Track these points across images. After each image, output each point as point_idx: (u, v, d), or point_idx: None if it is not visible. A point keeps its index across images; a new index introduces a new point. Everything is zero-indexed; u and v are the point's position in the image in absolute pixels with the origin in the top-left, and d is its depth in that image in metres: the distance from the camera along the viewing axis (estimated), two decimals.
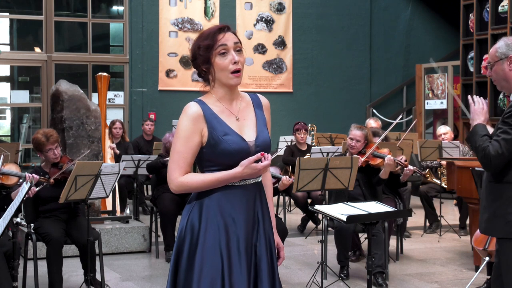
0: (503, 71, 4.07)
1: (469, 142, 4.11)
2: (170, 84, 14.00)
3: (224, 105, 3.27)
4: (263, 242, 3.27)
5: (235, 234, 3.21)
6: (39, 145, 6.27)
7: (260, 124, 3.31)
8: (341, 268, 6.92)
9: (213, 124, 3.19)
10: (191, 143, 3.19)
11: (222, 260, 3.17)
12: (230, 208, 3.21)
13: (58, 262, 6.13)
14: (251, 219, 3.26)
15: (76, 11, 14.73)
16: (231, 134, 3.20)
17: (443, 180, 9.25)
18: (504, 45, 4.08)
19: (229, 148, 3.17)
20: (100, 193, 6.35)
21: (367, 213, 4.76)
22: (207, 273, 3.15)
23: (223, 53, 3.19)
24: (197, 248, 3.18)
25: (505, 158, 3.91)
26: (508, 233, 3.98)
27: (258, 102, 3.39)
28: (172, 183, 3.26)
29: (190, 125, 3.19)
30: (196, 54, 3.23)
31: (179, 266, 3.22)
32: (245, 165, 3.13)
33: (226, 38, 3.21)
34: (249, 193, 3.25)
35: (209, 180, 3.18)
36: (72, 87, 8.20)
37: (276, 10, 14.67)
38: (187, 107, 3.24)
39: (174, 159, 3.23)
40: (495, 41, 4.43)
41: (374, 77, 15.50)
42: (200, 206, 3.23)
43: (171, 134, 8.23)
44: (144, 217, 9.57)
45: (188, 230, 3.22)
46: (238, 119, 3.27)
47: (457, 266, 7.54)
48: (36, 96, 14.22)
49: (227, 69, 3.19)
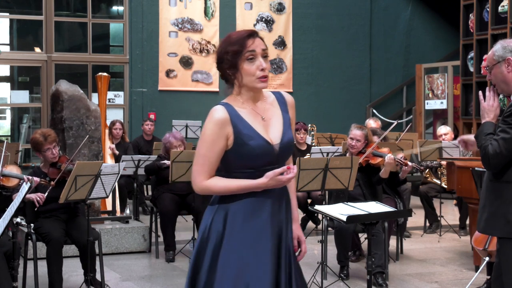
0: (501, 74, 4.08)
1: (477, 139, 4.12)
2: (170, 84, 13.99)
3: (249, 106, 3.29)
4: (284, 247, 3.30)
5: (260, 238, 3.23)
6: (37, 145, 6.27)
7: (285, 124, 3.34)
8: (341, 268, 6.92)
9: (239, 128, 3.21)
10: (217, 147, 3.22)
11: (245, 263, 3.20)
12: (255, 213, 3.25)
13: (58, 262, 6.14)
14: (275, 225, 3.28)
15: (76, 11, 14.74)
16: (256, 138, 3.22)
17: (443, 180, 9.25)
18: (500, 47, 4.10)
19: (254, 152, 3.20)
20: (100, 193, 6.35)
21: (367, 213, 4.76)
22: (229, 275, 3.18)
23: (251, 58, 3.20)
24: (220, 250, 3.21)
25: (503, 157, 3.91)
26: (509, 232, 3.98)
27: (283, 101, 3.41)
28: (196, 186, 3.30)
29: (216, 129, 3.21)
30: (224, 58, 3.23)
31: (200, 266, 3.24)
32: (270, 177, 3.16)
33: (256, 45, 3.22)
34: (275, 199, 3.28)
35: (233, 186, 3.22)
36: (72, 87, 8.20)
37: (276, 10, 14.66)
38: (213, 111, 3.25)
39: (200, 163, 3.26)
40: (495, 41, 4.44)
41: (374, 77, 15.50)
42: (225, 209, 3.26)
43: (171, 135, 8.24)
44: (144, 217, 9.56)
45: (212, 232, 3.24)
46: (264, 119, 3.30)
47: (457, 266, 7.54)
48: (36, 96, 14.22)
49: (254, 75, 3.21)
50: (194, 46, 14.08)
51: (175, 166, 7.40)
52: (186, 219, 9.54)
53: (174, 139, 8.08)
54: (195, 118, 12.88)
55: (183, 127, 12.14)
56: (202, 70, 14.15)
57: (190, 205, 7.79)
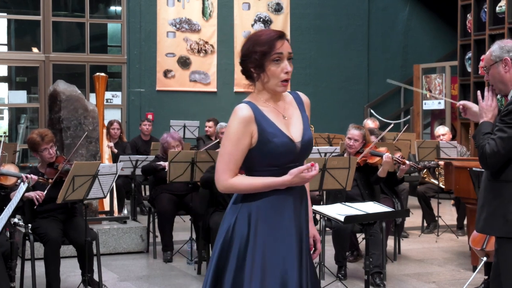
0: (499, 74, 4.10)
1: (474, 138, 4.13)
2: (168, 85, 13.99)
3: (271, 104, 3.32)
4: (304, 245, 3.35)
5: (284, 236, 3.27)
6: (34, 145, 6.27)
7: (305, 123, 3.37)
8: (339, 268, 6.92)
9: (263, 126, 3.24)
10: (242, 146, 3.22)
11: (272, 263, 3.23)
12: (278, 211, 3.27)
13: (55, 263, 6.13)
14: (297, 223, 3.32)
15: (74, 11, 14.73)
16: (280, 135, 3.25)
17: (441, 180, 9.25)
18: (498, 48, 4.11)
19: (278, 149, 3.23)
20: (98, 194, 6.35)
21: (364, 214, 4.76)
22: (256, 275, 3.20)
23: (277, 60, 3.22)
24: (247, 250, 3.23)
25: (501, 156, 3.91)
26: (508, 232, 3.98)
27: (300, 100, 3.45)
28: (220, 184, 3.29)
29: (241, 127, 3.21)
30: (251, 57, 3.24)
31: (225, 267, 3.25)
32: (295, 174, 3.18)
33: (284, 47, 3.24)
34: (296, 197, 3.32)
35: (257, 184, 3.23)
36: (69, 88, 8.19)
37: (274, 11, 14.66)
38: (238, 109, 3.25)
39: (225, 161, 3.26)
40: (492, 41, 4.46)
41: (372, 77, 15.50)
42: (249, 208, 3.27)
43: (168, 135, 8.23)
44: (141, 218, 9.56)
45: (236, 232, 3.26)
46: (285, 117, 3.33)
47: (455, 266, 7.54)
48: (34, 97, 14.20)
49: (278, 77, 3.24)
50: (192, 46, 14.08)
51: (173, 166, 7.40)
52: (184, 219, 9.54)
53: (171, 139, 8.08)
54: (193, 118, 12.89)
55: (181, 127, 12.14)
56: (200, 70, 14.15)
57: (188, 205, 7.78)
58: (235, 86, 14.31)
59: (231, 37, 14.37)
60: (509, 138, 3.90)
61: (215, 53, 14.24)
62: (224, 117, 12.15)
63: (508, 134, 3.90)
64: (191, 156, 7.47)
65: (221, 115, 12.74)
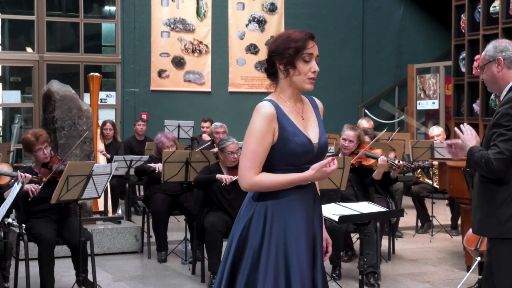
0: (492, 73, 4.14)
1: (469, 165, 4.11)
2: (162, 84, 13.97)
3: (291, 105, 3.37)
4: (318, 242, 3.40)
5: (298, 236, 3.29)
6: (28, 145, 6.26)
7: (321, 127, 3.45)
8: (333, 268, 6.92)
9: (284, 124, 3.28)
10: (266, 143, 3.26)
11: (286, 262, 3.26)
12: (292, 211, 3.30)
13: (49, 263, 6.12)
14: (310, 224, 3.36)
15: (68, 11, 14.70)
16: (299, 135, 3.30)
17: (435, 180, 9.26)
18: (492, 47, 4.15)
19: (298, 149, 3.27)
20: (92, 194, 6.34)
21: (359, 213, 4.77)
22: (270, 274, 3.22)
23: (307, 60, 3.30)
24: (262, 249, 3.25)
25: (506, 159, 3.89)
26: (501, 233, 4.00)
27: (315, 104, 3.53)
28: (245, 182, 3.29)
29: (265, 124, 3.25)
30: (284, 53, 3.29)
31: (240, 265, 3.28)
32: (317, 169, 3.23)
33: (314, 48, 3.34)
34: (308, 196, 3.37)
35: (282, 180, 3.26)
36: (64, 87, 8.18)
37: (268, 11, 14.66)
38: (261, 106, 3.29)
39: (250, 158, 3.27)
40: (486, 41, 4.51)
41: (367, 77, 15.51)
42: (265, 207, 3.30)
43: (163, 135, 8.23)
44: (136, 218, 9.55)
45: (251, 231, 3.29)
46: (303, 119, 3.39)
47: (449, 266, 7.56)
48: (28, 96, 14.17)
49: (306, 75, 3.32)
50: (186, 46, 14.07)
51: (167, 166, 7.40)
52: (178, 219, 9.53)
53: (166, 139, 8.07)
54: (187, 118, 12.87)
55: (175, 127, 12.13)
56: (194, 70, 14.14)
57: (182, 206, 7.77)
58: (229, 86, 14.31)
59: (226, 37, 14.36)
60: (510, 140, 3.89)
61: (209, 53, 14.24)
62: (218, 117, 12.18)
63: (509, 135, 3.90)
64: (185, 156, 7.47)
65: (216, 115, 12.74)
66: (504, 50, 4.11)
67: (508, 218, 3.96)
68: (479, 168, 4.01)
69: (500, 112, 3.96)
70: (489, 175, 3.99)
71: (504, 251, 4.03)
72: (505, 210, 3.97)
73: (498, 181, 3.99)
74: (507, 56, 4.09)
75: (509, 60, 4.09)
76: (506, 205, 3.97)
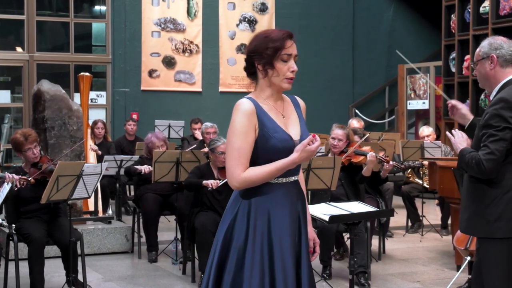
0: (484, 70, 4.14)
1: (460, 166, 4.12)
2: (152, 84, 13.96)
3: (271, 103, 3.37)
4: (304, 239, 3.39)
5: (281, 234, 3.28)
6: (17, 145, 6.24)
7: (302, 125, 3.45)
8: (324, 268, 6.93)
9: (263, 121, 3.28)
10: (249, 139, 3.25)
11: (271, 261, 3.25)
12: (276, 207, 3.30)
13: (39, 263, 6.10)
14: (294, 217, 3.35)
15: (58, 10, 14.65)
16: (280, 132, 3.30)
17: (425, 180, 9.29)
18: (487, 44, 4.15)
19: (279, 145, 3.27)
20: (82, 194, 6.32)
21: (349, 213, 4.77)
22: (256, 272, 3.22)
23: (285, 60, 3.30)
24: (246, 248, 3.25)
25: (497, 158, 3.90)
26: (488, 232, 4.01)
27: (296, 103, 3.53)
28: (235, 180, 3.27)
29: (246, 121, 3.25)
30: (263, 53, 3.29)
31: (226, 264, 3.28)
32: (301, 149, 3.24)
33: (292, 48, 3.32)
34: (292, 192, 3.36)
35: (269, 169, 3.25)
36: (54, 87, 8.16)
37: (259, 11, 14.67)
38: (240, 104, 3.29)
39: (235, 156, 3.25)
40: (476, 41, 4.54)
41: (357, 77, 15.54)
42: (248, 205, 3.30)
43: (153, 135, 8.21)
44: (126, 218, 9.53)
45: (235, 231, 3.28)
46: (284, 116, 3.38)
47: (439, 265, 7.58)
48: (18, 96, 14.13)
49: (284, 75, 3.32)
50: (177, 46, 14.07)
51: (157, 166, 7.39)
52: (169, 219, 9.52)
53: (156, 139, 8.06)
54: (178, 118, 12.86)
55: (166, 127, 12.12)
56: (185, 70, 14.14)
57: (173, 205, 7.77)
58: (220, 86, 14.31)
59: (216, 37, 14.36)
60: (501, 140, 3.90)
61: (200, 53, 14.24)
62: (209, 117, 12.16)
63: (499, 136, 3.90)
64: (176, 156, 7.47)
65: (206, 115, 12.74)
66: (499, 48, 4.10)
67: (497, 218, 3.97)
68: (470, 170, 4.01)
69: (489, 113, 3.97)
70: (480, 176, 3.99)
71: (493, 250, 4.05)
72: (494, 210, 3.98)
73: (487, 180, 3.99)
74: (501, 54, 4.08)
75: (502, 58, 4.08)
76: (495, 205, 3.98)
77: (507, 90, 4.02)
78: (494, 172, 3.93)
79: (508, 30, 11.03)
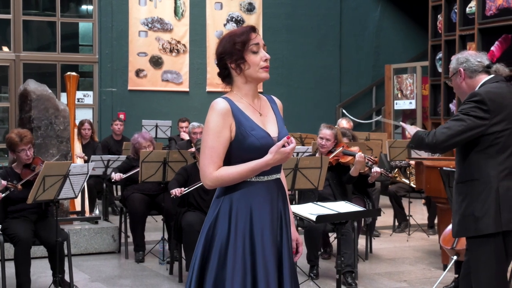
0: (457, 84, 4.42)
1: (415, 145, 4.37)
2: (139, 84, 13.94)
3: (247, 101, 3.37)
4: (285, 237, 3.38)
5: (262, 231, 3.29)
6: (12, 145, 6.22)
7: (280, 121, 3.44)
8: (311, 267, 6.94)
9: (240, 120, 3.28)
10: (222, 138, 3.25)
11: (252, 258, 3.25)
12: (257, 204, 3.30)
13: (26, 263, 6.08)
14: (275, 215, 3.35)
15: (44, 10, 14.60)
16: (257, 129, 3.29)
17: (412, 179, 9.32)
18: (455, 61, 4.46)
19: (257, 143, 3.27)
20: (69, 194, 6.31)
21: (336, 213, 4.78)
22: (238, 270, 3.22)
23: (255, 51, 3.32)
24: (228, 246, 3.25)
25: (451, 134, 4.12)
26: (478, 230, 4.09)
27: (273, 101, 3.53)
28: (207, 179, 3.28)
29: (220, 120, 3.25)
30: (232, 50, 3.31)
31: (208, 263, 3.27)
32: (275, 151, 3.22)
33: (258, 38, 3.35)
34: (273, 190, 3.36)
35: (242, 170, 3.25)
36: (40, 87, 8.13)
37: (246, 10, 14.67)
38: (215, 103, 3.30)
39: (208, 155, 3.26)
40: (463, 42, 4.72)
41: (344, 77, 15.57)
42: (230, 202, 3.30)
43: (139, 135, 8.19)
44: (113, 218, 9.51)
45: (217, 228, 3.28)
46: (261, 114, 3.38)
47: (426, 265, 7.60)
48: (4, 96, 14.07)
49: (258, 65, 3.33)
50: (164, 45, 14.05)
51: (144, 166, 7.38)
52: (156, 219, 9.50)
53: (143, 140, 8.04)
54: (165, 118, 12.84)
55: (153, 127, 12.10)
56: (172, 70, 14.12)
57: (160, 205, 7.76)
58: (207, 86, 14.30)
59: (204, 37, 14.36)
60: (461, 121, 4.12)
61: (187, 53, 14.22)
62: (196, 116, 12.15)
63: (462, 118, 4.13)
64: (163, 156, 7.46)
65: (194, 114, 12.73)
66: (464, 61, 4.38)
67: (484, 214, 4.09)
68: (420, 142, 4.26)
69: (463, 102, 4.24)
70: (428, 149, 4.30)
71: (482, 250, 4.10)
72: (480, 206, 4.11)
73: (470, 178, 4.14)
74: (468, 66, 4.35)
75: (469, 70, 4.35)
76: (482, 201, 4.11)
77: (482, 88, 4.25)
78: (444, 147, 4.17)
79: (494, 30, 11.10)
